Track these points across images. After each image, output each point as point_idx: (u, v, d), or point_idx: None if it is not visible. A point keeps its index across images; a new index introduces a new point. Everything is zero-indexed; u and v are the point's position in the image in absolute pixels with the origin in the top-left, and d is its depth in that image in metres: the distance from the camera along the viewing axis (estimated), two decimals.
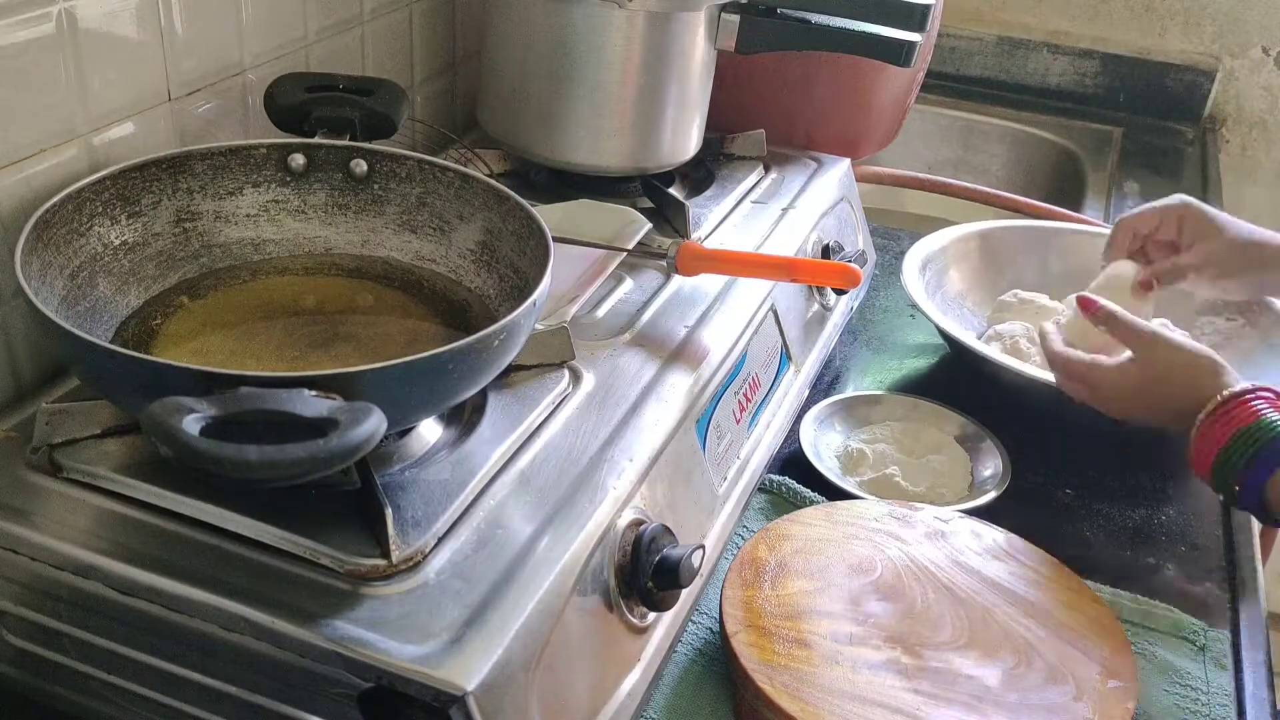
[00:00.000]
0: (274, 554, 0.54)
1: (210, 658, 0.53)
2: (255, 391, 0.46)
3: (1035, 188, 1.61)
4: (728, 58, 0.94)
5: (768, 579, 0.70)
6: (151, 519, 0.56)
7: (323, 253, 0.73)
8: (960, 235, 1.11)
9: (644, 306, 0.79)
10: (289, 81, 0.76)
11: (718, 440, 0.75)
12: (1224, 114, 1.72)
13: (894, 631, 0.67)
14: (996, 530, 0.77)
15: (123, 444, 0.60)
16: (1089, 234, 1.15)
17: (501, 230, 0.70)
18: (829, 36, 0.91)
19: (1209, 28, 1.69)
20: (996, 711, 0.62)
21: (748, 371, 0.81)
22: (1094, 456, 0.93)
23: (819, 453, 0.88)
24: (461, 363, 0.54)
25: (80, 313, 0.61)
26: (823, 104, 1.12)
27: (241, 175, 0.71)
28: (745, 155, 1.04)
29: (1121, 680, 0.65)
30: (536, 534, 0.57)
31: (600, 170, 0.92)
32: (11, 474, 0.59)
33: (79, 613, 0.56)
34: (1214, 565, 0.82)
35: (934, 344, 1.08)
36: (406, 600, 0.52)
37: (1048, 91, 1.76)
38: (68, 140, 0.67)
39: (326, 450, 0.43)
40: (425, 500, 0.57)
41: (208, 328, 0.65)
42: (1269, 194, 1.74)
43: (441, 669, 0.49)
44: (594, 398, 0.68)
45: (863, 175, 1.21)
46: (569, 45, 0.87)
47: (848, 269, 0.78)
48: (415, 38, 0.99)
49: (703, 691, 0.68)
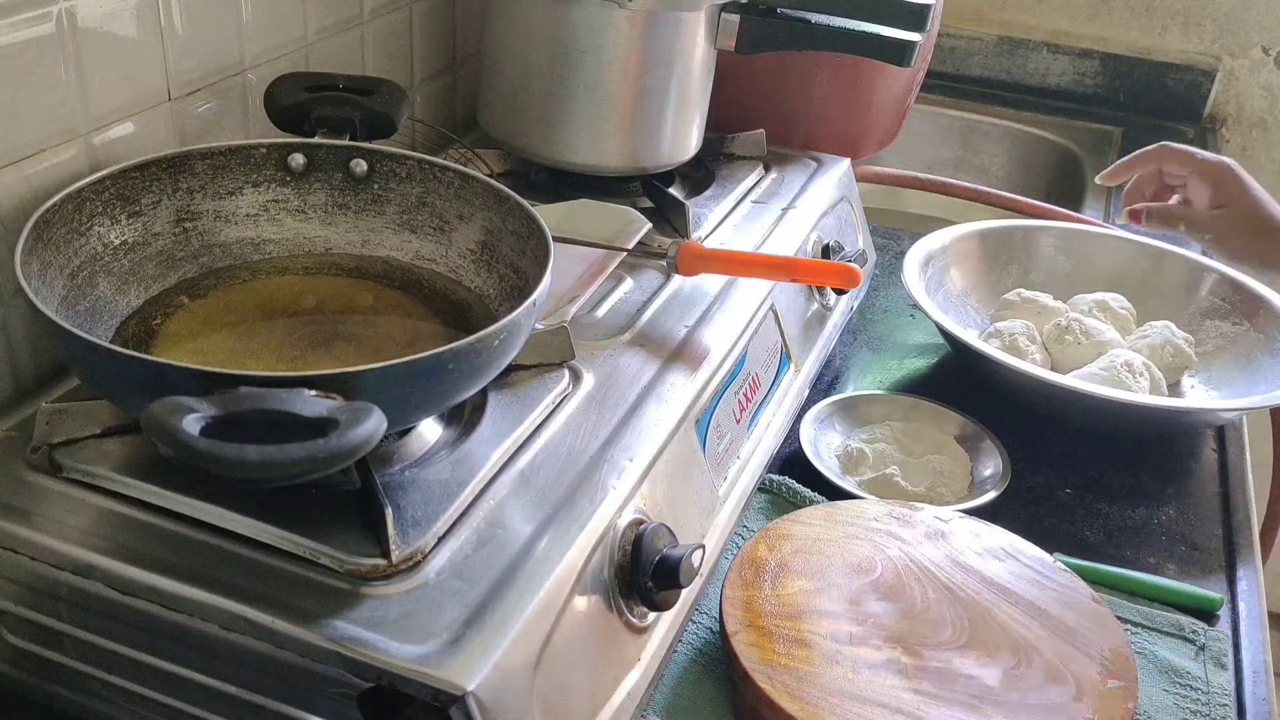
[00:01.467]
0: (274, 554, 0.54)
1: (210, 658, 0.53)
2: (255, 391, 0.46)
3: (1035, 188, 1.61)
4: (728, 58, 0.94)
5: (768, 579, 0.70)
6: (151, 519, 0.56)
7: (323, 252, 0.73)
8: (961, 234, 1.11)
9: (644, 306, 0.79)
10: (289, 81, 0.76)
11: (718, 440, 0.75)
12: (1224, 114, 1.72)
13: (894, 631, 0.67)
14: (996, 530, 0.77)
15: (123, 444, 0.60)
16: (1090, 234, 1.15)
17: (501, 230, 0.70)
18: (829, 36, 0.91)
19: (1209, 28, 1.69)
20: (996, 711, 0.62)
21: (748, 371, 0.81)
22: (1094, 456, 0.93)
23: (819, 452, 0.87)
24: (461, 362, 0.54)
25: (80, 312, 0.61)
26: (823, 104, 1.12)
27: (241, 175, 0.71)
28: (745, 155, 1.04)
29: (1121, 680, 0.65)
30: (536, 534, 0.57)
31: (600, 170, 0.92)
32: (11, 474, 0.59)
33: (79, 612, 0.56)
34: (1214, 565, 0.82)
35: (934, 344, 1.08)
36: (406, 600, 0.52)
37: (1048, 91, 1.76)
38: (68, 140, 0.67)
39: (327, 450, 0.43)
40: (425, 500, 0.57)
41: (208, 327, 0.65)
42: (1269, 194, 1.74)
43: (441, 669, 0.49)
44: (594, 397, 0.68)
45: (863, 175, 1.21)
46: (569, 45, 0.87)
47: (848, 269, 0.78)
48: (415, 38, 0.99)
49: (703, 691, 0.68)
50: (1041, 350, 0.99)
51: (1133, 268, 1.11)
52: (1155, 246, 1.12)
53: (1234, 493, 0.91)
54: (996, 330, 1.01)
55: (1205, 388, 1.00)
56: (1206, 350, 1.03)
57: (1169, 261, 1.11)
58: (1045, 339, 1.01)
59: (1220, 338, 1.04)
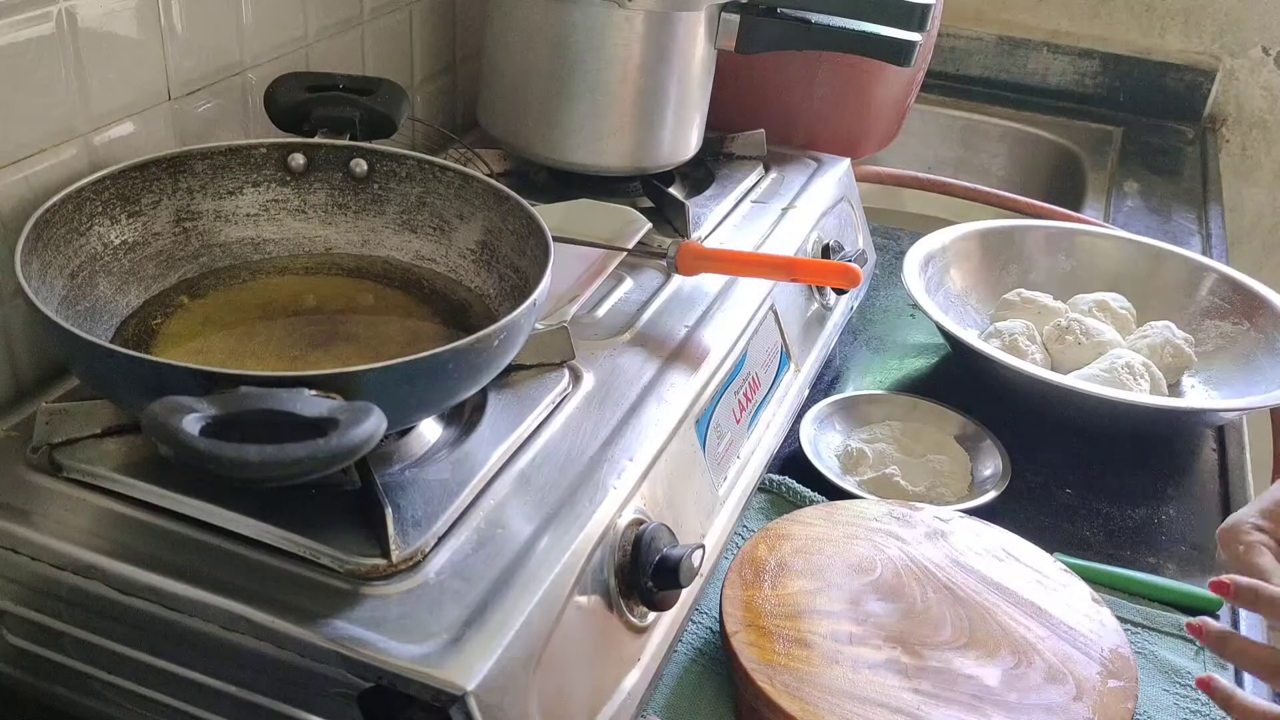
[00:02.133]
0: (274, 553, 0.54)
1: (210, 657, 0.53)
2: (255, 391, 0.46)
3: (1035, 187, 1.61)
4: (728, 58, 0.94)
5: (768, 579, 0.70)
6: (151, 518, 0.56)
7: (323, 252, 0.73)
8: (961, 234, 1.11)
9: (644, 306, 0.79)
10: (289, 81, 0.76)
11: (718, 440, 0.75)
12: (1224, 114, 1.72)
13: (894, 631, 0.67)
14: (996, 530, 0.76)
15: (122, 443, 0.60)
16: (1090, 234, 1.15)
17: (501, 230, 0.69)
18: (829, 36, 0.91)
19: (1209, 27, 1.68)
20: (996, 711, 0.62)
21: (748, 371, 0.81)
22: (1094, 456, 0.93)
23: (819, 452, 0.87)
24: (461, 362, 0.54)
25: (80, 312, 0.61)
26: (823, 104, 1.12)
27: (241, 175, 0.71)
28: (745, 155, 1.04)
29: (1121, 680, 0.65)
30: (536, 534, 0.57)
31: (600, 170, 0.92)
32: (11, 473, 0.59)
33: (79, 612, 0.56)
34: (1214, 565, 0.82)
35: (934, 343, 1.08)
36: (406, 600, 0.52)
37: (1048, 91, 1.76)
38: (67, 140, 0.67)
39: (326, 450, 0.43)
40: (425, 500, 0.57)
41: (208, 327, 0.65)
42: (1269, 194, 1.74)
43: (441, 669, 0.49)
44: (594, 397, 0.68)
45: (863, 175, 1.21)
46: (569, 45, 0.87)
47: (848, 268, 0.78)
48: (415, 37, 0.99)
49: (703, 691, 0.68)
50: (1041, 350, 0.99)
51: (1133, 268, 1.11)
52: (1155, 246, 1.12)
53: (1234, 493, 0.91)
54: (996, 330, 1.01)
55: (1205, 388, 1.00)
56: (1206, 350, 1.03)
57: (1169, 261, 1.11)
58: (1045, 339, 1.01)
59: (1220, 338, 1.04)
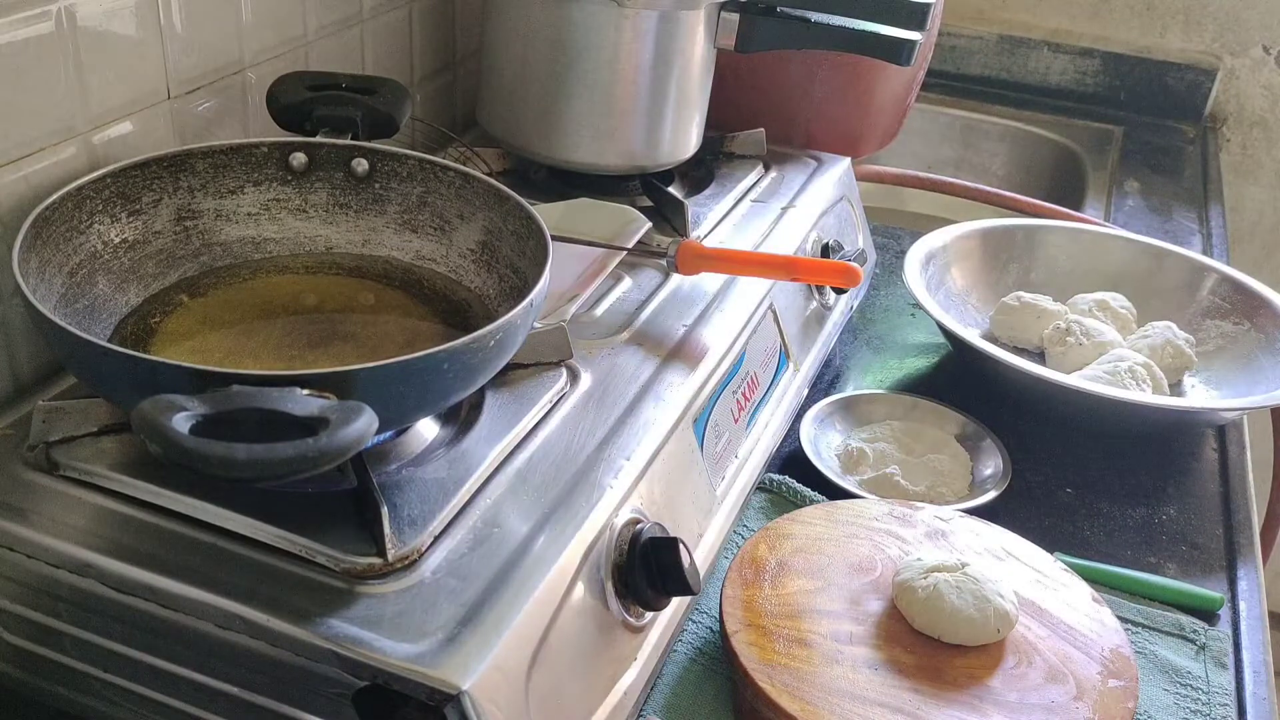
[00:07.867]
0: (270, 552, 0.54)
1: (207, 656, 0.53)
2: (247, 390, 0.46)
3: (1036, 187, 1.61)
4: (728, 57, 0.94)
5: (768, 578, 0.70)
6: (148, 517, 0.56)
7: (323, 252, 0.73)
8: (962, 233, 1.11)
9: (643, 305, 0.79)
10: (291, 80, 0.76)
11: (716, 439, 0.75)
12: (1225, 113, 1.72)
13: (894, 631, 0.67)
14: (996, 530, 0.76)
15: (119, 442, 0.60)
16: (1090, 233, 1.15)
17: (502, 230, 0.69)
18: (829, 35, 0.91)
19: (1210, 27, 1.68)
20: (996, 711, 0.62)
21: (746, 370, 0.81)
22: (1094, 456, 0.93)
23: (819, 451, 0.87)
24: (457, 362, 0.54)
25: (79, 310, 0.61)
26: (823, 103, 1.12)
27: (242, 174, 0.71)
28: (745, 154, 1.04)
29: (1121, 680, 0.65)
30: (533, 532, 0.57)
31: (600, 169, 0.92)
32: (8, 472, 0.59)
33: (76, 611, 0.56)
34: (1214, 565, 0.82)
35: (934, 343, 1.08)
36: (402, 599, 0.52)
37: (1048, 90, 1.76)
38: (67, 139, 0.67)
39: (315, 449, 0.43)
40: (422, 499, 0.57)
41: (207, 326, 0.65)
42: (1269, 193, 1.74)
43: (437, 668, 0.49)
44: (592, 396, 0.68)
45: (863, 174, 1.21)
46: (568, 44, 0.87)
47: (847, 268, 0.78)
48: (415, 36, 0.99)
49: (703, 691, 0.68)
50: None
51: (1134, 267, 1.11)
52: (1156, 246, 1.12)
53: (1234, 492, 0.91)
54: (995, 339, 1.01)
55: (1206, 388, 1.00)
56: (1207, 350, 1.02)
57: (1170, 261, 1.10)
58: (1046, 342, 1.01)
59: (1221, 338, 1.04)
